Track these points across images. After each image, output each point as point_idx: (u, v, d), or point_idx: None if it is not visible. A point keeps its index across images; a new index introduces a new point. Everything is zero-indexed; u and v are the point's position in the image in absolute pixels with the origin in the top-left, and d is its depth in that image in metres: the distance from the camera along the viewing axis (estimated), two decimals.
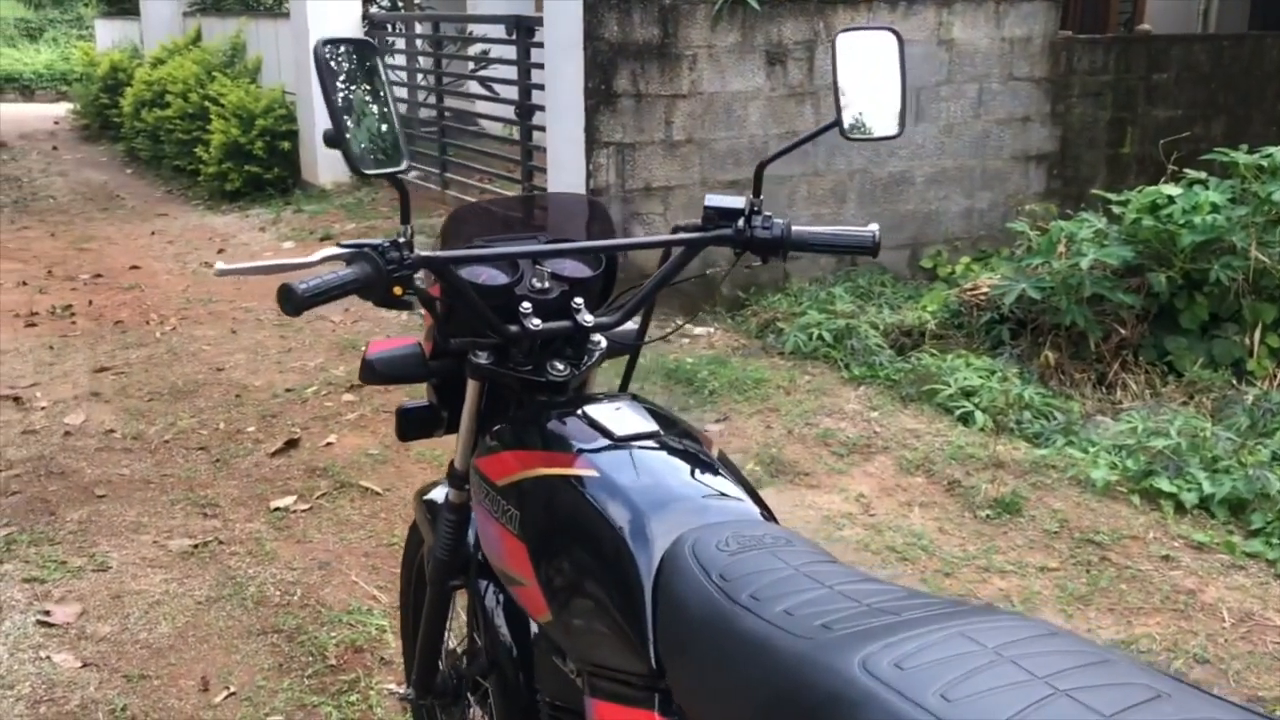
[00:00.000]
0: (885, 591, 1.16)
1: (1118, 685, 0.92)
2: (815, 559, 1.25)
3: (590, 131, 5.59)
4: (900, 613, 1.08)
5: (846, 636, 1.03)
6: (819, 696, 0.98)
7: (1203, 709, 0.88)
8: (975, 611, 1.09)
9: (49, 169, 11.20)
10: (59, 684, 2.67)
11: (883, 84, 1.66)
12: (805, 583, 1.17)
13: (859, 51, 1.65)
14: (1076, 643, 1.01)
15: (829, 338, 5.12)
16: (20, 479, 3.85)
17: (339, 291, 1.39)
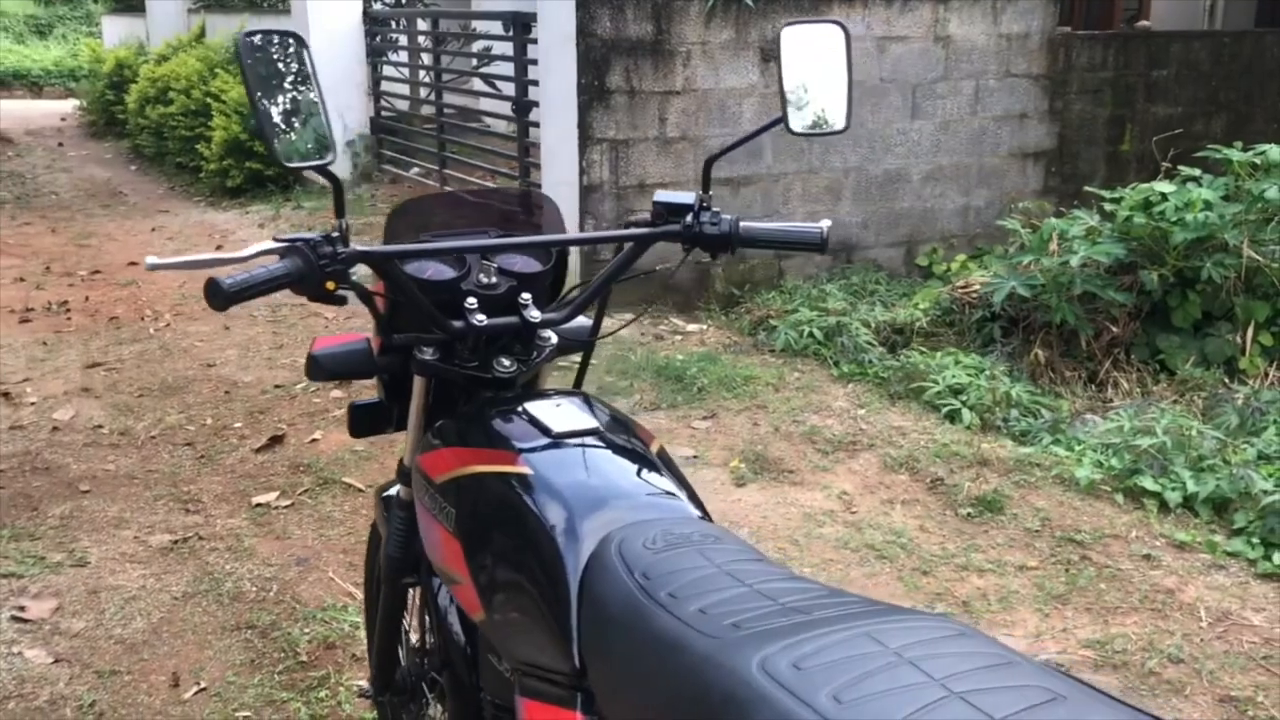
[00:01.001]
0: (805, 591, 1.15)
1: (1015, 688, 0.91)
2: (741, 557, 1.24)
3: (583, 128, 5.58)
4: (812, 612, 1.07)
5: (751, 636, 1.02)
6: (717, 697, 0.97)
7: (1096, 712, 0.87)
8: (888, 611, 1.08)
9: (53, 165, 11.23)
10: (29, 679, 2.68)
11: (830, 78, 1.65)
12: (725, 581, 1.16)
13: (805, 46, 1.64)
14: (984, 644, 1.00)
15: (820, 335, 5.11)
16: (4, 474, 3.86)
17: (268, 286, 1.39)
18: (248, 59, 1.37)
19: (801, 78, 1.66)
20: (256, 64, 1.39)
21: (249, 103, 1.34)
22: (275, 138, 1.38)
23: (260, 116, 1.36)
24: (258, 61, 1.39)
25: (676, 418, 4.37)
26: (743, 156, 5.92)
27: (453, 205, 2.01)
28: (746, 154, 5.92)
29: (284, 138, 1.41)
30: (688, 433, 4.23)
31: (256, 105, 1.36)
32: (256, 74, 1.37)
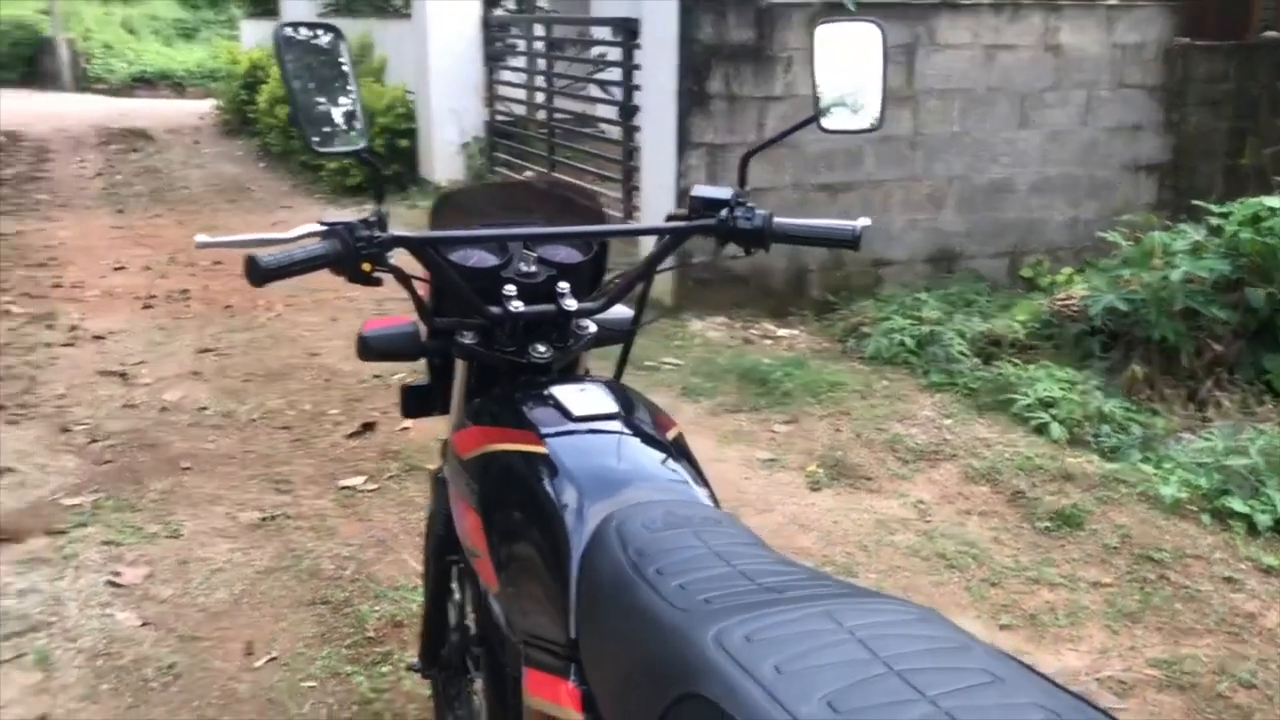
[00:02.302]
0: (788, 574, 1.18)
1: (958, 670, 0.93)
2: (736, 541, 1.27)
3: (682, 132, 5.63)
4: (785, 591, 1.10)
5: (717, 611, 1.06)
6: (673, 664, 1.01)
7: (1029, 695, 0.88)
8: (857, 594, 1.10)
9: (188, 161, 11.74)
10: (117, 639, 2.84)
11: (864, 77, 1.66)
12: (711, 562, 1.20)
13: (840, 44, 1.66)
14: (942, 629, 1.02)
15: (911, 344, 5.06)
16: (114, 449, 4.08)
17: (305, 266, 1.47)
18: (285, 50, 1.45)
19: (837, 76, 1.68)
20: (294, 55, 1.47)
21: (285, 91, 1.42)
22: (309, 125, 1.46)
23: (296, 104, 1.44)
24: (295, 52, 1.48)
25: (757, 420, 4.39)
26: (842, 161, 5.90)
27: (499, 196, 2.08)
28: (846, 159, 5.90)
29: (318, 125, 1.49)
30: (767, 436, 4.24)
31: (293, 94, 1.44)
32: (294, 64, 1.46)
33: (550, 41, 8.67)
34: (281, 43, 1.46)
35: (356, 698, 2.62)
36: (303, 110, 1.46)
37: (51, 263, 7.08)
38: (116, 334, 5.55)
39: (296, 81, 1.45)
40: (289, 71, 1.45)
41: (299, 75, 1.47)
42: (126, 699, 2.60)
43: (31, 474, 3.84)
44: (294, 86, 1.45)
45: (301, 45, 1.50)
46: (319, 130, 1.50)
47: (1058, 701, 0.88)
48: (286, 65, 1.45)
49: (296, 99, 1.45)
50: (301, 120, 1.45)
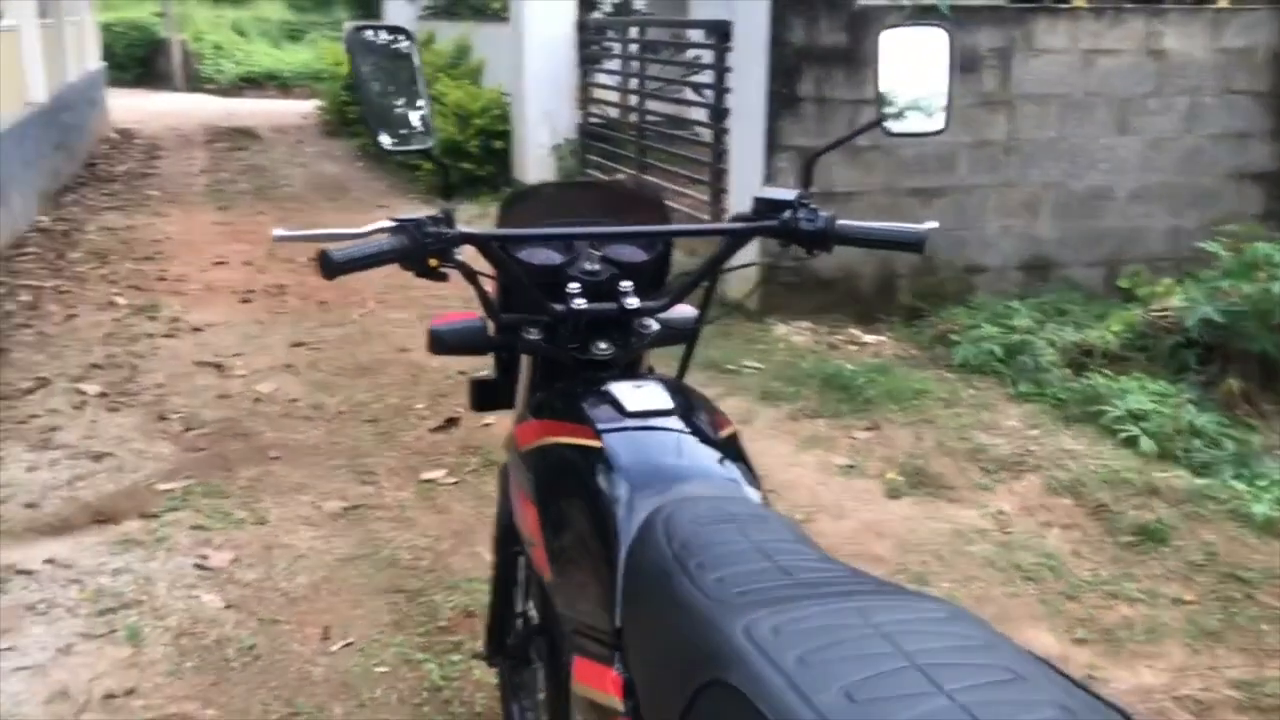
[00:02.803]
0: (827, 571, 1.19)
1: (980, 666, 0.93)
2: (780, 538, 1.28)
3: (771, 135, 5.63)
4: (819, 587, 1.11)
5: (749, 603, 1.07)
6: (702, 653, 1.02)
7: (1049, 693, 0.88)
8: (890, 592, 1.10)
9: (291, 160, 12.06)
10: (201, 620, 2.94)
11: (930, 81, 1.66)
12: (753, 556, 1.21)
13: (906, 49, 1.66)
14: (971, 627, 1.01)
15: (1000, 352, 4.99)
16: (208, 437, 4.22)
17: (374, 260, 1.51)
18: (356, 51, 1.50)
19: (903, 80, 1.68)
20: (365, 56, 1.52)
21: (356, 91, 1.47)
22: (379, 124, 1.51)
23: (366, 104, 1.49)
24: (366, 53, 1.53)
25: (837, 426, 4.36)
26: (935, 166, 5.84)
27: (567, 195, 2.11)
28: (939, 163, 5.84)
29: (387, 124, 1.53)
30: (847, 442, 4.22)
31: (364, 94, 1.49)
32: (365, 65, 1.50)
33: (643, 44, 8.71)
34: (353, 44, 1.50)
35: (427, 685, 2.67)
36: (373, 110, 1.51)
37: (157, 256, 7.33)
38: (215, 326, 5.73)
39: (367, 82, 1.50)
40: (360, 72, 1.50)
41: (370, 76, 1.52)
42: (208, 677, 2.69)
43: (129, 459, 3.99)
44: (364, 87, 1.50)
45: (372, 47, 1.55)
46: (388, 129, 1.55)
47: (1075, 700, 0.87)
48: (357, 66, 1.49)
49: (367, 99, 1.49)
50: (371, 119, 1.50)
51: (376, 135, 1.53)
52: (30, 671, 2.69)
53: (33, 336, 5.45)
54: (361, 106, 1.49)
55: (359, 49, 1.51)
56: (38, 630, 2.87)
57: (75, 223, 8.41)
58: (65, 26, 11.08)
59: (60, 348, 5.28)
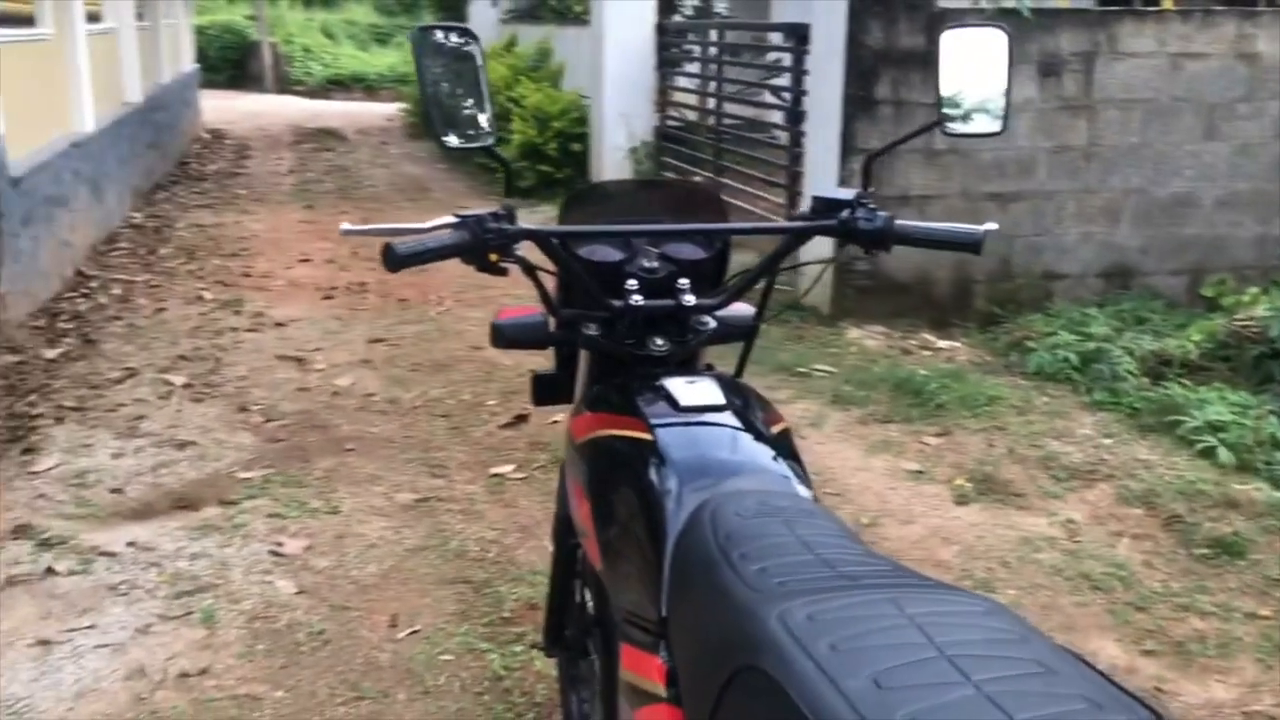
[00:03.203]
0: (870, 565, 1.20)
1: (1010, 659, 0.94)
2: (825, 533, 1.30)
3: (846, 138, 5.61)
4: (859, 579, 1.12)
5: (787, 592, 1.09)
6: (738, 640, 1.04)
7: (1079, 687, 0.89)
8: (930, 587, 1.11)
9: (374, 161, 12.28)
10: (275, 605, 3.02)
11: (989, 81, 1.66)
12: (796, 549, 1.23)
13: (966, 49, 1.66)
14: (1007, 622, 1.02)
15: (1076, 360, 4.91)
16: (287, 429, 4.33)
17: (436, 254, 1.56)
18: (422, 51, 1.55)
19: (962, 80, 1.68)
20: (430, 55, 1.56)
21: (420, 89, 1.52)
22: (441, 121, 1.55)
23: (429, 102, 1.53)
24: (431, 52, 1.57)
25: (908, 432, 4.34)
26: (1013, 170, 5.77)
27: (628, 193, 2.14)
28: (1017, 168, 5.77)
29: (449, 121, 1.58)
30: (916, 447, 4.19)
31: (427, 91, 1.53)
32: (430, 64, 1.55)
33: (721, 47, 8.72)
34: (419, 45, 1.55)
35: (489, 674, 2.72)
36: (435, 107, 1.55)
37: (243, 253, 7.53)
38: (297, 322, 5.87)
39: (432, 82, 1.55)
40: (425, 71, 1.54)
41: (435, 76, 1.56)
42: (279, 660, 2.77)
43: (211, 448, 4.11)
44: (428, 85, 1.54)
45: (437, 46, 1.59)
46: (450, 126, 1.59)
47: (1104, 695, 0.88)
48: (422, 65, 1.54)
49: (430, 96, 1.54)
50: (434, 116, 1.54)
51: (439, 133, 1.57)
52: (110, 649, 2.79)
53: (123, 328, 5.64)
54: (426, 104, 1.54)
55: (426, 49, 1.56)
56: (118, 610, 2.97)
57: (166, 219, 8.67)
58: (161, 29, 11.41)
59: (149, 339, 5.45)
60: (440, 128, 1.57)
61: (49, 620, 2.92)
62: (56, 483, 3.75)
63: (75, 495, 3.67)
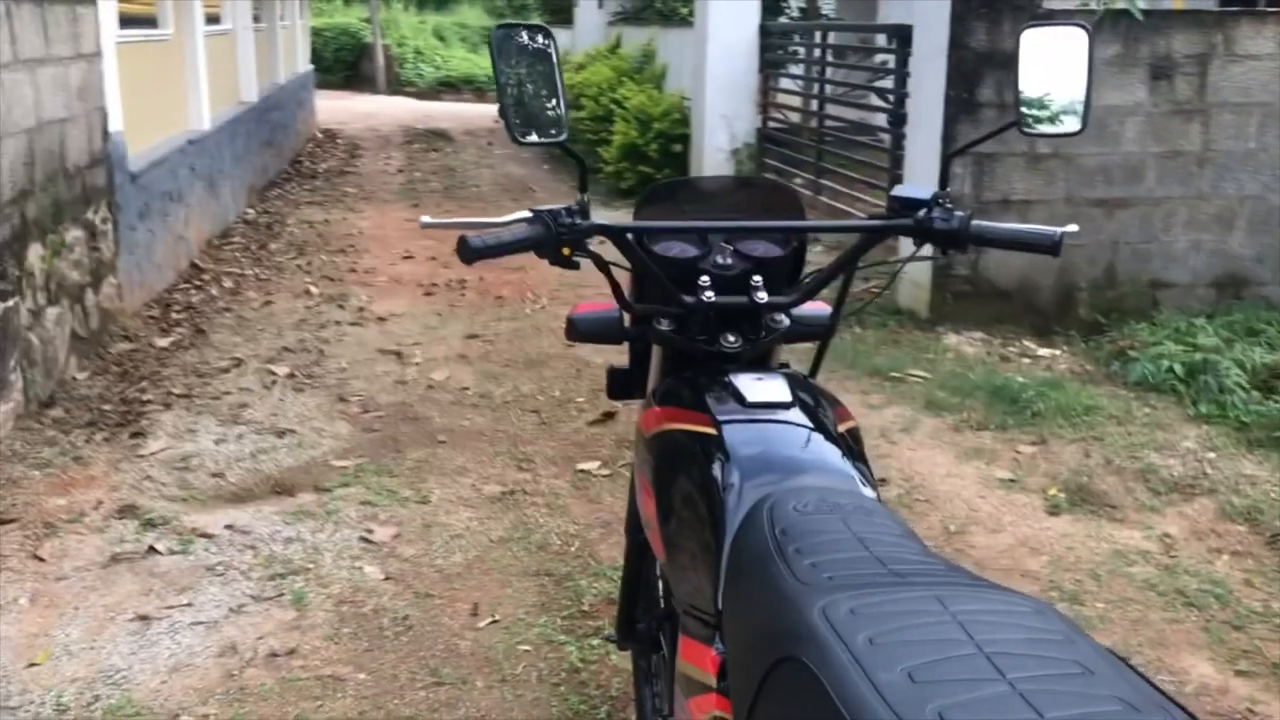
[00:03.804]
0: (924, 563, 1.19)
1: (1050, 659, 0.92)
2: (883, 530, 1.29)
3: (947, 140, 5.53)
4: (908, 577, 1.12)
5: (834, 587, 1.09)
6: (781, 631, 1.05)
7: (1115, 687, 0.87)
8: (979, 585, 1.10)
9: (480, 162, 12.47)
10: (362, 590, 3.10)
11: (1069, 80, 1.63)
12: (851, 545, 1.23)
13: (1046, 48, 1.63)
14: (1052, 622, 1.01)
15: (1180, 371, 4.77)
16: (382, 420, 4.43)
17: (509, 247, 1.59)
18: (499, 48, 1.58)
19: (1041, 79, 1.65)
20: (506, 51, 1.59)
21: (497, 86, 1.55)
22: (516, 116, 1.59)
23: (505, 98, 1.56)
24: (507, 49, 1.60)
25: (1001, 440, 4.26)
26: (1120, 176, 5.62)
27: (705, 190, 2.15)
28: (1125, 173, 5.62)
29: (523, 117, 1.61)
30: (1010, 456, 4.11)
31: (503, 87, 1.56)
32: (506, 60, 1.58)
33: (824, 49, 8.67)
34: (497, 42, 1.59)
35: (565, 665, 2.76)
36: (511, 103, 1.58)
37: (350, 249, 7.72)
38: (398, 316, 6.00)
39: (508, 78, 1.58)
40: (501, 67, 1.57)
41: (511, 72, 1.60)
42: (363, 643, 2.84)
43: (309, 436, 4.23)
44: (505, 82, 1.57)
45: (515, 44, 1.62)
46: (524, 121, 1.62)
47: (1141, 698, 0.86)
48: (499, 62, 1.57)
49: (507, 93, 1.57)
50: (509, 112, 1.58)
51: (513, 127, 1.61)
52: (205, 627, 2.90)
53: (232, 320, 5.83)
54: (502, 101, 1.57)
55: (504, 48, 1.59)
56: (214, 590, 3.08)
57: (278, 216, 8.93)
58: (277, 31, 11.76)
59: (256, 331, 5.63)
60: (514, 121, 1.61)
61: (149, 597, 3.04)
62: (162, 466, 3.90)
63: (179, 478, 3.81)
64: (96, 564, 3.21)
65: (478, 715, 2.57)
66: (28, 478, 3.74)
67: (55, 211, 4.54)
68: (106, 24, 5.28)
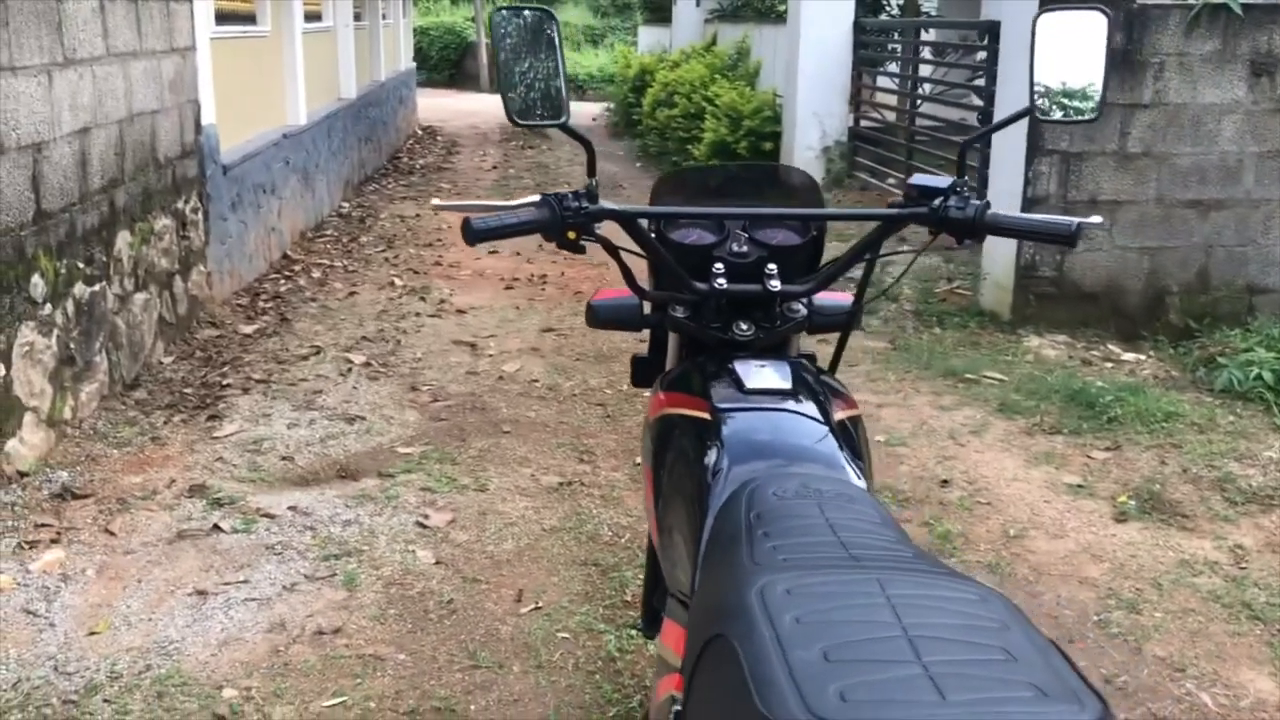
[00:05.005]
0: (889, 550, 1.17)
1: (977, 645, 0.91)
2: (859, 518, 1.27)
3: (1033, 138, 5.40)
4: (863, 561, 1.10)
5: (781, 568, 1.08)
6: (719, 609, 1.04)
7: (1036, 675, 0.85)
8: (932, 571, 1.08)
9: (574, 159, 12.54)
10: (412, 573, 3.16)
11: (1085, 66, 1.58)
12: (820, 530, 1.21)
13: (1063, 32, 1.59)
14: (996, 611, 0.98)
15: (1270, 379, 4.59)
16: (450, 409, 4.50)
17: (512, 230, 1.60)
18: (500, 29, 1.59)
19: (1058, 64, 1.61)
20: (508, 34, 1.60)
21: (497, 67, 1.56)
22: (515, 97, 1.60)
23: (504, 79, 1.58)
24: (509, 32, 1.61)
25: (1074, 445, 4.15)
26: (1216, 177, 5.43)
27: (723, 177, 2.13)
28: (1221, 174, 5.43)
29: (523, 98, 1.62)
30: (1081, 461, 4.00)
31: (503, 68, 1.58)
32: (507, 43, 1.59)
33: (918, 45, 8.53)
34: (497, 22, 1.60)
35: (603, 654, 2.77)
36: (510, 84, 1.59)
37: (437, 244, 7.85)
38: (477, 309, 6.09)
39: (509, 59, 1.59)
40: (502, 49, 1.58)
41: (512, 53, 1.61)
42: (407, 624, 2.89)
43: (378, 423, 4.32)
44: (505, 62, 1.59)
45: (517, 25, 1.63)
46: (524, 103, 1.63)
47: (1058, 686, 0.84)
48: (501, 43, 1.58)
49: (507, 74, 1.58)
50: (508, 93, 1.59)
51: (509, 108, 1.62)
52: (257, 603, 2.98)
53: (316, 309, 5.98)
54: (502, 82, 1.58)
55: (503, 27, 1.60)
56: (270, 568, 3.16)
57: (371, 210, 9.13)
58: (379, 29, 12.00)
59: (338, 320, 5.76)
60: (512, 103, 1.62)
61: (209, 573, 3.14)
62: (234, 448, 4.02)
63: (249, 460, 3.92)
64: (163, 540, 3.32)
65: (511, 699, 2.59)
66: (107, 455, 3.89)
67: (145, 200, 4.71)
68: (202, 20, 5.46)
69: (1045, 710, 0.82)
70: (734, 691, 0.89)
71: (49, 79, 3.84)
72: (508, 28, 1.61)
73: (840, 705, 0.83)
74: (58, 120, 3.91)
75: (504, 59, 1.60)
